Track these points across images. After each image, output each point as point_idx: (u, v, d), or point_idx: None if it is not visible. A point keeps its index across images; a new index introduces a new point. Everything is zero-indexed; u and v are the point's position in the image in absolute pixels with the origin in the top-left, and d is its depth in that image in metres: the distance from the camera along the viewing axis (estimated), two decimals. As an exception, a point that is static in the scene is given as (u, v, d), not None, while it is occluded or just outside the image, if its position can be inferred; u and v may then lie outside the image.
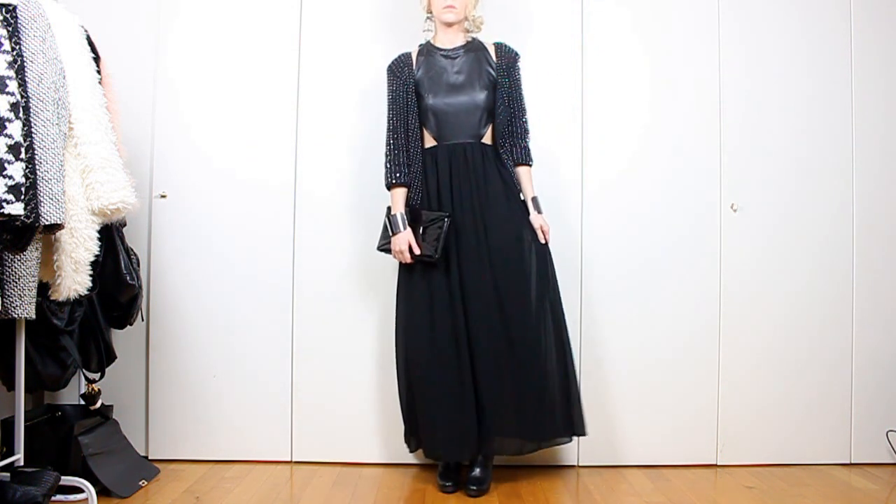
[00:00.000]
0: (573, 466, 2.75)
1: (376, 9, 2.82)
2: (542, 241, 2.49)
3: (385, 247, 2.51)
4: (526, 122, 2.55)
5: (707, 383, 2.79)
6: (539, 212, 2.52)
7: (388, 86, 2.52)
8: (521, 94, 2.55)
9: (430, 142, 2.50)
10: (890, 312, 2.85)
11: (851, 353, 2.83)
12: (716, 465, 2.78)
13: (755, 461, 2.79)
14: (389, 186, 2.48)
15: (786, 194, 2.83)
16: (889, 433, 2.82)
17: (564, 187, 2.77)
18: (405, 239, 2.42)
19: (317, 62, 2.79)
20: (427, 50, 2.52)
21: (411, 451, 2.58)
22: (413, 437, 2.53)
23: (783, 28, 2.85)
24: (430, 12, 2.51)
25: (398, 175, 2.46)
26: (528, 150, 2.55)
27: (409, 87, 2.48)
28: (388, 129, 2.49)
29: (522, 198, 2.53)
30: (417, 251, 2.41)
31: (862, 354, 2.84)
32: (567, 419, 2.47)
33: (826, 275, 2.83)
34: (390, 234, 2.46)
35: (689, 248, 2.80)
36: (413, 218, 2.45)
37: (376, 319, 2.74)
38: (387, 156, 2.49)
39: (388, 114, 2.50)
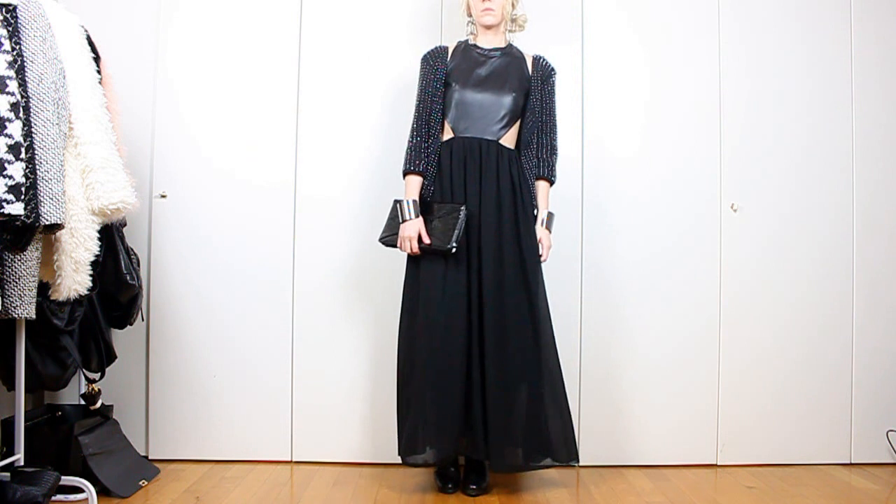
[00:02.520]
0: (573, 466, 2.75)
1: (377, 9, 2.82)
2: (539, 254, 2.44)
3: (389, 239, 2.44)
4: (556, 139, 2.52)
5: (707, 383, 2.79)
6: (548, 228, 2.47)
7: (420, 74, 2.50)
8: (553, 110, 2.52)
9: (448, 133, 2.47)
10: (890, 312, 2.86)
11: (851, 354, 2.84)
12: (716, 465, 2.78)
13: (755, 461, 2.79)
14: (406, 173, 2.45)
15: (786, 194, 2.83)
16: (889, 433, 2.82)
17: (564, 187, 2.76)
18: (415, 227, 2.37)
19: (317, 62, 2.79)
20: (465, 46, 2.52)
21: (403, 457, 2.42)
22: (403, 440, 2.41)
23: (783, 28, 2.85)
24: (471, 16, 2.51)
25: (417, 163, 2.43)
26: (554, 167, 2.51)
27: (440, 77, 2.46)
28: (414, 115, 2.48)
29: (535, 211, 2.49)
30: (427, 240, 2.35)
31: (862, 355, 2.84)
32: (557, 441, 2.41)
33: (826, 275, 2.84)
34: (399, 221, 2.40)
35: (689, 248, 2.80)
36: (424, 210, 2.41)
37: (377, 319, 2.74)
38: (409, 142, 2.46)
39: (417, 100, 2.48)
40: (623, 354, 2.78)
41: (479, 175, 2.42)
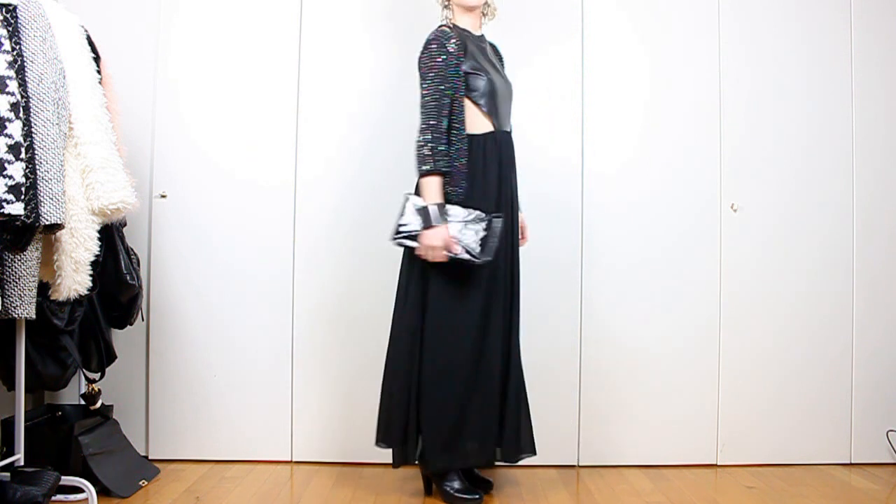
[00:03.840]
0: (573, 466, 2.75)
1: (377, 9, 2.82)
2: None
3: (405, 238, 2.23)
4: None
5: (707, 383, 2.79)
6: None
7: (432, 59, 2.22)
8: None
9: (484, 127, 2.28)
10: (890, 312, 2.86)
11: (851, 353, 2.84)
12: (716, 465, 2.78)
13: (755, 461, 2.79)
14: (428, 172, 2.19)
15: (786, 194, 2.83)
16: (889, 433, 2.82)
17: (564, 187, 2.77)
18: (442, 236, 2.16)
19: (317, 62, 2.79)
20: (459, 30, 2.31)
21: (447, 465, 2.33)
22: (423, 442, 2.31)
23: (783, 28, 2.85)
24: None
25: (441, 161, 2.19)
26: None
27: (459, 62, 2.22)
28: (430, 107, 2.21)
29: None
30: (459, 250, 2.17)
31: (862, 354, 2.84)
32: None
33: (826, 275, 2.84)
34: (424, 225, 2.18)
35: (688, 248, 2.80)
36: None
37: (377, 319, 2.72)
38: (426, 138, 2.20)
39: (430, 90, 2.21)
40: (623, 354, 2.78)
41: (509, 173, 2.34)
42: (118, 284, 2.36)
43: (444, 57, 2.22)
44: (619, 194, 2.80)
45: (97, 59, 2.20)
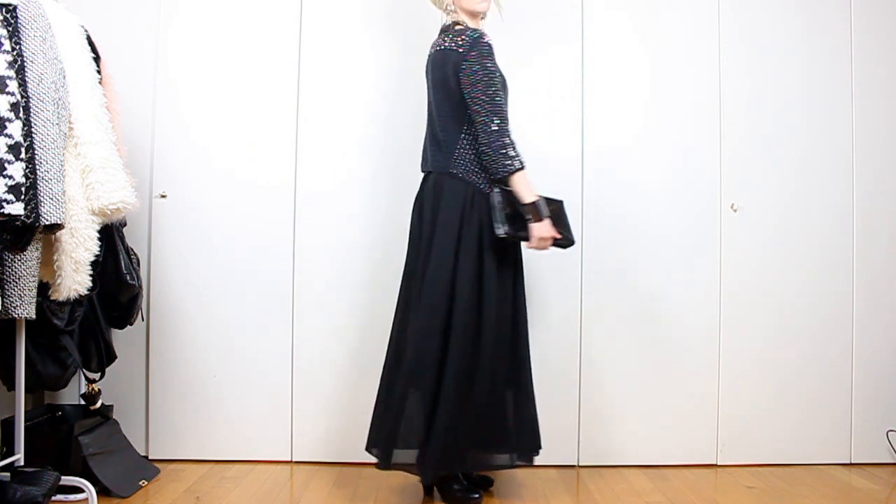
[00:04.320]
0: (573, 466, 2.75)
1: (377, 9, 2.82)
2: None
3: (515, 233, 2.24)
4: None
5: (707, 383, 2.79)
6: None
7: (489, 59, 2.24)
8: None
9: None
10: (890, 312, 2.86)
11: (851, 353, 2.84)
12: (716, 465, 2.78)
13: (755, 461, 2.79)
14: (519, 169, 2.21)
15: (786, 194, 2.83)
16: (889, 433, 2.82)
17: (564, 187, 2.76)
18: (549, 227, 2.25)
19: (317, 62, 2.79)
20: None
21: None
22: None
23: (783, 28, 2.85)
24: (453, 3, 2.31)
25: (521, 157, 2.24)
26: None
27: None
28: (498, 107, 2.22)
29: None
30: (558, 235, 2.28)
31: (862, 354, 2.84)
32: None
33: (826, 275, 2.84)
34: (536, 218, 2.22)
35: (688, 248, 2.80)
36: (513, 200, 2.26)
37: (377, 318, 2.73)
38: (505, 139, 2.21)
39: (494, 91, 2.22)
40: (623, 354, 2.78)
41: None
42: (118, 284, 2.36)
43: (495, 59, 2.27)
44: (619, 195, 2.80)
45: (97, 59, 2.20)
